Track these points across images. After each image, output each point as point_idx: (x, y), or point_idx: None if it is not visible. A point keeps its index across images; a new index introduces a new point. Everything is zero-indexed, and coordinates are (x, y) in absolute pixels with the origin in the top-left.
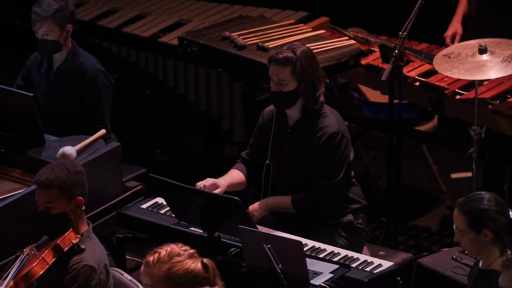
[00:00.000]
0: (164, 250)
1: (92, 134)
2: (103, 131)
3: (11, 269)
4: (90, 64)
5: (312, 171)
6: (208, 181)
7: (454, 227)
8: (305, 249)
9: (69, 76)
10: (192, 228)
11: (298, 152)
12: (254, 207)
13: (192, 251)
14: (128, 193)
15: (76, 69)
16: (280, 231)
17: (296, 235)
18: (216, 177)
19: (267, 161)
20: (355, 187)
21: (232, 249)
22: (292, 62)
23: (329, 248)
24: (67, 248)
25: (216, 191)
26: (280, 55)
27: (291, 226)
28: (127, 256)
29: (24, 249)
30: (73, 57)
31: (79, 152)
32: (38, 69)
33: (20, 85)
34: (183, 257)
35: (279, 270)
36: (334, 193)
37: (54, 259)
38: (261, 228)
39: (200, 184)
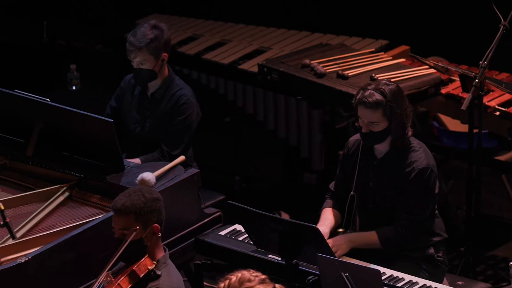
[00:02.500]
0: (235, 276)
1: (167, 158)
2: (182, 158)
3: None
4: (185, 94)
5: (400, 205)
6: None
7: None
8: (383, 277)
9: (163, 102)
10: (270, 256)
11: (384, 185)
12: (337, 243)
13: (263, 276)
14: (206, 220)
15: (170, 96)
16: (359, 259)
17: (375, 264)
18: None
19: (351, 192)
20: (437, 220)
21: (310, 277)
22: (382, 105)
23: (407, 277)
24: (143, 275)
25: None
26: (370, 99)
27: (370, 255)
28: (205, 283)
29: (100, 276)
30: (169, 85)
31: (158, 178)
32: (131, 91)
33: (113, 106)
34: (254, 282)
35: None
36: (420, 228)
37: (130, 286)
38: (339, 256)
39: None
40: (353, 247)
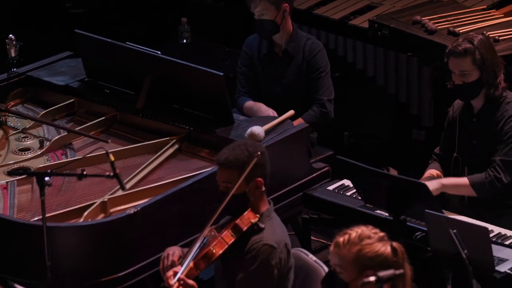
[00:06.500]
0: (355, 232)
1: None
2: (291, 112)
3: (191, 250)
4: (315, 42)
5: (494, 152)
6: None
7: None
8: (491, 235)
9: (295, 56)
10: (378, 211)
11: (486, 140)
12: (430, 188)
13: (382, 234)
14: (315, 175)
15: (301, 49)
16: (466, 216)
17: (482, 220)
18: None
19: (455, 154)
20: None
21: (417, 233)
22: (471, 52)
23: None
24: (246, 228)
25: None
26: (459, 47)
27: (477, 212)
28: (312, 237)
29: (205, 230)
30: (296, 37)
31: (267, 132)
32: (258, 52)
33: (244, 71)
34: (373, 239)
35: (464, 256)
36: None
37: (233, 239)
38: (447, 213)
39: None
40: (444, 190)
